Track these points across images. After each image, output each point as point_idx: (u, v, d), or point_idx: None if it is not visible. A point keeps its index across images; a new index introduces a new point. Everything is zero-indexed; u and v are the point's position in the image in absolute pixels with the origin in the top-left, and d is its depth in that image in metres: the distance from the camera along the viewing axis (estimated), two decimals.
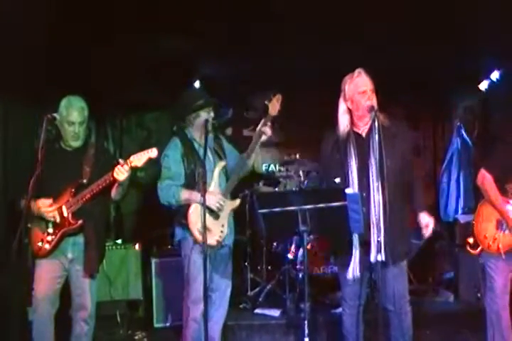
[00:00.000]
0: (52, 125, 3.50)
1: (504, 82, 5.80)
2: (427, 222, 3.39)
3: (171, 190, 3.69)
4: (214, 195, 3.67)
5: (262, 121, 3.73)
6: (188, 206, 3.67)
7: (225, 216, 3.74)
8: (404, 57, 5.43)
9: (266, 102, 3.72)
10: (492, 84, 6.07)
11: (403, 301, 3.43)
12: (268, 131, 3.72)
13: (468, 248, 3.84)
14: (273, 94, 3.75)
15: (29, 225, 3.51)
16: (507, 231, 3.68)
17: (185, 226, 3.67)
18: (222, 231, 3.71)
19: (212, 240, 3.62)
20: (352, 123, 3.45)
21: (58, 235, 3.53)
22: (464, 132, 6.68)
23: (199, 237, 3.58)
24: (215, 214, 3.69)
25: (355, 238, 3.31)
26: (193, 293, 3.64)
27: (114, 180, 3.48)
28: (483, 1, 4.32)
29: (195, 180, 3.70)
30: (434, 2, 4.39)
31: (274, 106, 3.71)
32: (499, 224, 3.71)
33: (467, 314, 4.79)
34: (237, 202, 3.84)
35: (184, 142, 3.81)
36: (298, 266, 5.16)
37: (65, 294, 3.65)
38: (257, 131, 3.75)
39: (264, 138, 3.75)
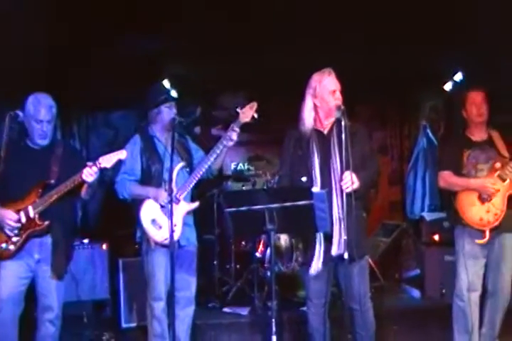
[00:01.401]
0: (15, 122, 3.43)
1: (467, 83, 5.92)
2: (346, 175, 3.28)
3: (125, 184, 3.72)
4: (165, 192, 3.63)
5: (231, 126, 3.63)
6: (142, 201, 3.68)
7: (179, 216, 3.65)
8: (371, 57, 5.49)
9: (238, 109, 3.61)
10: (456, 84, 6.21)
11: (366, 298, 3.48)
12: (234, 136, 3.61)
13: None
14: (248, 100, 3.69)
15: None
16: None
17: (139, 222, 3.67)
18: (173, 231, 3.55)
19: (159, 237, 3.61)
20: (315, 120, 3.48)
21: (24, 236, 3.45)
22: (429, 131, 6.79)
23: (148, 232, 3.63)
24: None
25: (320, 235, 3.34)
26: (152, 292, 3.67)
27: (83, 181, 3.43)
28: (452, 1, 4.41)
29: (151, 176, 3.72)
30: (405, 3, 4.45)
31: (247, 114, 3.60)
32: (481, 198, 3.75)
33: (433, 310, 4.87)
34: (195, 204, 3.75)
35: (144, 138, 3.80)
36: (266, 265, 5.18)
37: (30, 295, 3.58)
38: (224, 136, 3.64)
39: (230, 144, 3.64)
